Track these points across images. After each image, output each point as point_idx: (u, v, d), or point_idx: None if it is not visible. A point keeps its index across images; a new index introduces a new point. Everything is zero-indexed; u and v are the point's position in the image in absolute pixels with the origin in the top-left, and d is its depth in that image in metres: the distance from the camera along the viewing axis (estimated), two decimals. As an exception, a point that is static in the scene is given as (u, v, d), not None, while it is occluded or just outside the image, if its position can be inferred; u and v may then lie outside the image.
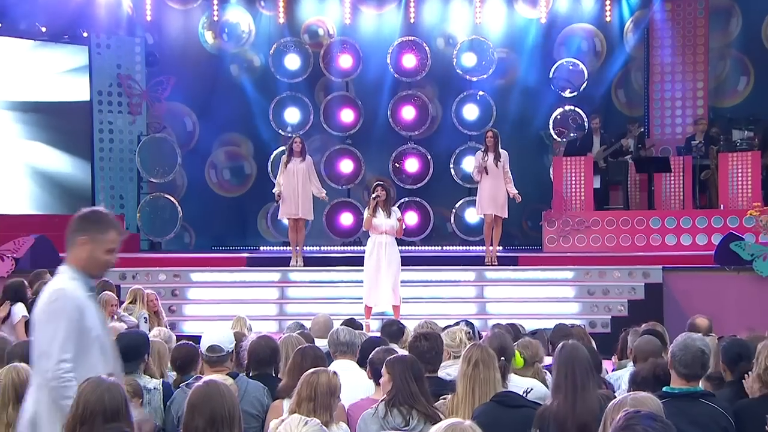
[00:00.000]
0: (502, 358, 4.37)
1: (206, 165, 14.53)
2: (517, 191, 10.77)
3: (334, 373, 3.92)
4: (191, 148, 14.40)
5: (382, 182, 9.86)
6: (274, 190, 11.03)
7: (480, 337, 5.60)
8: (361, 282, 9.83)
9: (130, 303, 8.06)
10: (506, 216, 10.94)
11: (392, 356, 4.22)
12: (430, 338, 4.57)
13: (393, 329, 5.90)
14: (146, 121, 13.93)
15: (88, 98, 13.30)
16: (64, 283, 3.35)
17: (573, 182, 12.27)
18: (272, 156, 13.87)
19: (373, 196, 9.54)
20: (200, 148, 14.48)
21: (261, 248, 14.03)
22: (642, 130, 13.07)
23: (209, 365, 4.57)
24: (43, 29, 12.98)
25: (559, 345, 4.01)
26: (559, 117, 14.01)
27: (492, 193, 10.82)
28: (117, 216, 13.80)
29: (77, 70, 13.32)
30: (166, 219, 13.56)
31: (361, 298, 9.72)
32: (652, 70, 13.92)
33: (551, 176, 12.99)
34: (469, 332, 5.11)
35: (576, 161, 12.38)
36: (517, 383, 4.48)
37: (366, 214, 9.69)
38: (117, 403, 3.12)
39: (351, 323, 5.90)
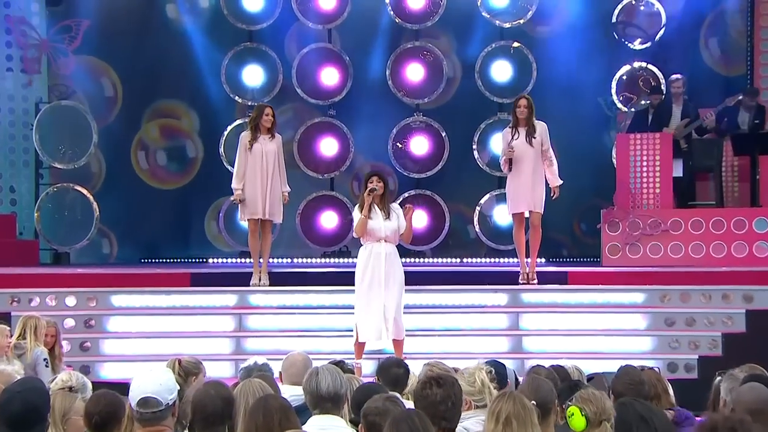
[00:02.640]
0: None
1: (133, 145, 14.56)
2: (560, 182, 10.79)
3: None
4: (112, 120, 14.41)
5: (378, 171, 9.81)
6: (233, 186, 11.00)
7: (516, 384, 5.64)
8: (351, 308, 9.85)
9: (20, 338, 8.07)
10: (542, 211, 10.91)
11: (397, 412, 4.22)
12: (444, 384, 4.55)
13: (395, 372, 5.89)
14: (47, 82, 13.95)
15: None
16: None
17: (645, 169, 12.34)
18: (226, 132, 13.96)
19: (368, 190, 9.51)
20: (125, 122, 14.49)
21: (210, 261, 14.19)
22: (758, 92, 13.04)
23: (141, 424, 4.58)
24: None
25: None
26: (625, 78, 14.09)
27: (525, 181, 10.81)
28: (6, 216, 13.63)
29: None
30: (76, 220, 13.62)
31: (351, 330, 9.77)
32: (758, 11, 13.98)
33: (613, 160, 13.01)
34: (491, 371, 5.17)
35: (649, 140, 12.43)
36: None
37: (357, 214, 9.67)
38: None
39: (341, 367, 5.86)
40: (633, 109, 13.75)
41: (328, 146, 14.03)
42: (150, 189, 14.58)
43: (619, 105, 14.11)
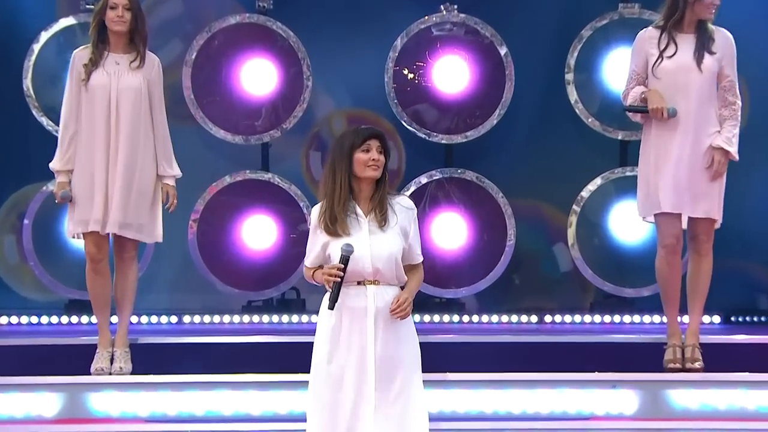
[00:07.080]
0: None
1: None
2: (733, 151, 10.99)
3: None
4: None
5: (376, 129, 9.30)
6: (54, 167, 11.40)
7: None
8: (301, 420, 9.30)
9: None
10: (719, 220, 11.26)
11: None
12: None
13: None
14: None
15: None
16: None
17: None
18: (37, 47, 14.38)
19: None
20: None
21: (4, 321, 14.68)
22: None
23: None
24: None
25: None
26: None
27: (681, 153, 11.11)
28: None
29: None
30: None
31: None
32: None
33: None
34: None
35: None
36: None
37: (316, 229, 9.10)
38: None
39: None
40: None
41: (256, 76, 14.00)
42: None
43: None
